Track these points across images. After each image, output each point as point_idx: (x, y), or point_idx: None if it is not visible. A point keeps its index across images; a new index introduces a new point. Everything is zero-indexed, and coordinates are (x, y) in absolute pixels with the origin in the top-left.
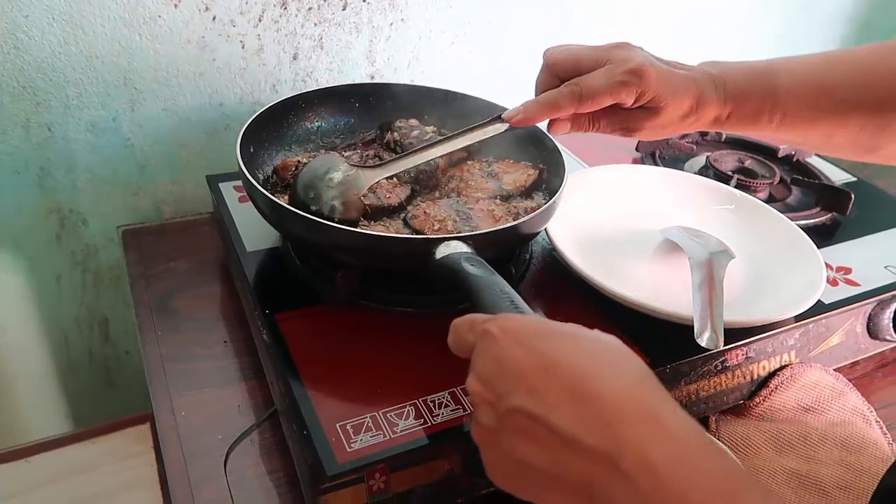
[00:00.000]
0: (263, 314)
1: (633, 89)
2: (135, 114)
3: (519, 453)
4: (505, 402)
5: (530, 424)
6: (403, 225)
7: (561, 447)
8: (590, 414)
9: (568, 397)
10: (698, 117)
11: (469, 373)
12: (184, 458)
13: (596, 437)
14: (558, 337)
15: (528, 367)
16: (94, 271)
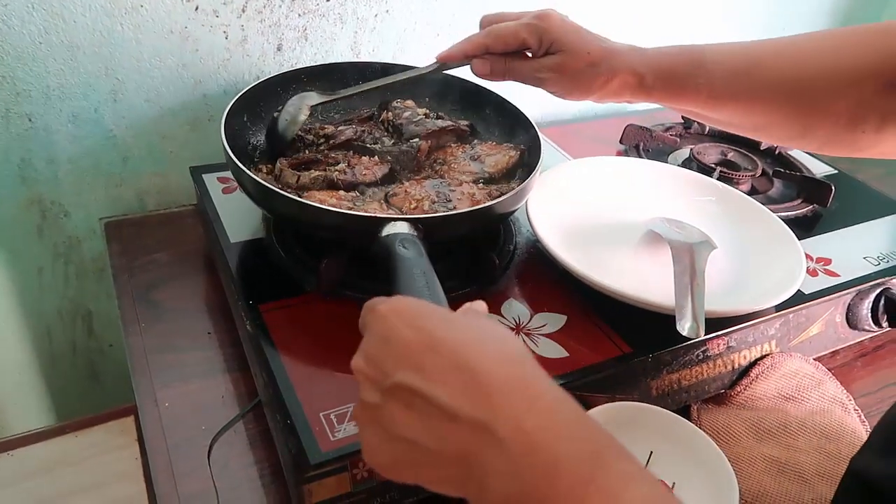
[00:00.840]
0: (247, 305)
1: (533, 29)
2: (117, 104)
3: (399, 428)
4: (390, 378)
5: (413, 399)
6: (385, 202)
7: (441, 420)
8: (469, 387)
9: (450, 372)
10: (612, 74)
11: (358, 352)
12: (167, 450)
13: (474, 408)
14: (445, 318)
15: (414, 344)
16: (76, 263)
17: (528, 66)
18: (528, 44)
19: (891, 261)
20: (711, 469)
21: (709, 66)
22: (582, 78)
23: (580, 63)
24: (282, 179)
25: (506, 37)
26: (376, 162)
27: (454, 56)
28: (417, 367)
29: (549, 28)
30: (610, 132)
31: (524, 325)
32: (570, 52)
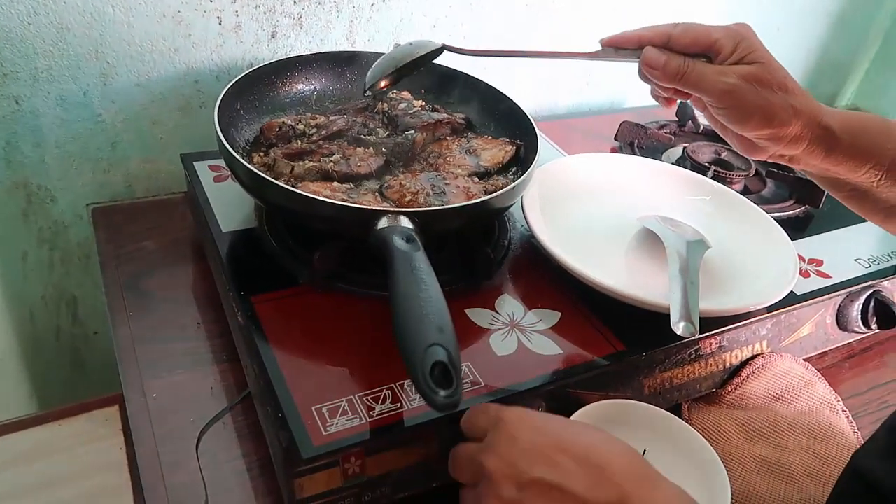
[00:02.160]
0: (238, 296)
1: (730, 33)
2: (106, 88)
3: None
4: (526, 475)
5: (551, 492)
6: (379, 194)
7: (585, 477)
8: (600, 478)
9: (582, 468)
10: (801, 113)
11: (483, 452)
12: (155, 441)
13: (606, 494)
14: (563, 424)
15: (545, 446)
16: (62, 249)
17: (713, 69)
18: (720, 46)
19: (881, 263)
20: (704, 469)
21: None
22: (771, 102)
23: (775, 82)
24: (275, 169)
25: (696, 32)
26: (371, 153)
27: (628, 41)
28: (552, 464)
29: (748, 35)
30: (604, 128)
31: (518, 321)
32: (769, 67)
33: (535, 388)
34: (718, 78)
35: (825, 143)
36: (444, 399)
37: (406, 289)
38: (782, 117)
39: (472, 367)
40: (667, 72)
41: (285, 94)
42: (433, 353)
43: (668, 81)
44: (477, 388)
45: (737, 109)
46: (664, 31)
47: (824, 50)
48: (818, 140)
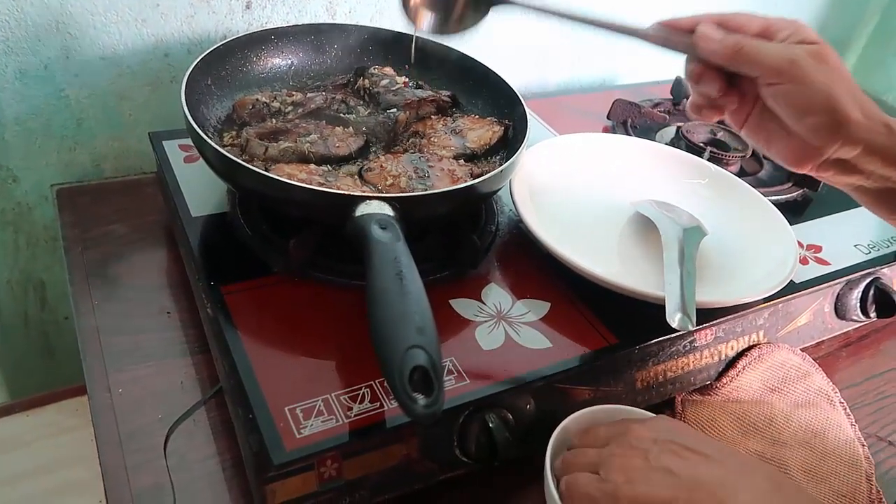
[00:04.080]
0: (208, 286)
1: (786, 22)
2: (69, 62)
3: (665, 462)
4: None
5: (680, 449)
6: (359, 177)
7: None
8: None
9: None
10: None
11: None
12: (120, 440)
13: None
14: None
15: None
16: (27, 232)
17: (773, 44)
18: (777, 28)
19: (881, 249)
20: None
21: None
22: (834, 80)
23: (837, 64)
24: (248, 150)
25: (750, 15)
26: (351, 133)
27: (682, 24)
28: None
29: (804, 24)
30: (596, 106)
31: (505, 313)
32: (830, 49)
33: (524, 385)
34: (780, 50)
35: (886, 141)
36: (424, 408)
37: (384, 283)
38: (846, 101)
39: (456, 363)
40: (725, 44)
41: (260, 69)
42: (413, 357)
43: (724, 58)
44: (462, 385)
45: (800, 86)
46: (716, 15)
47: (821, 27)
48: (879, 137)
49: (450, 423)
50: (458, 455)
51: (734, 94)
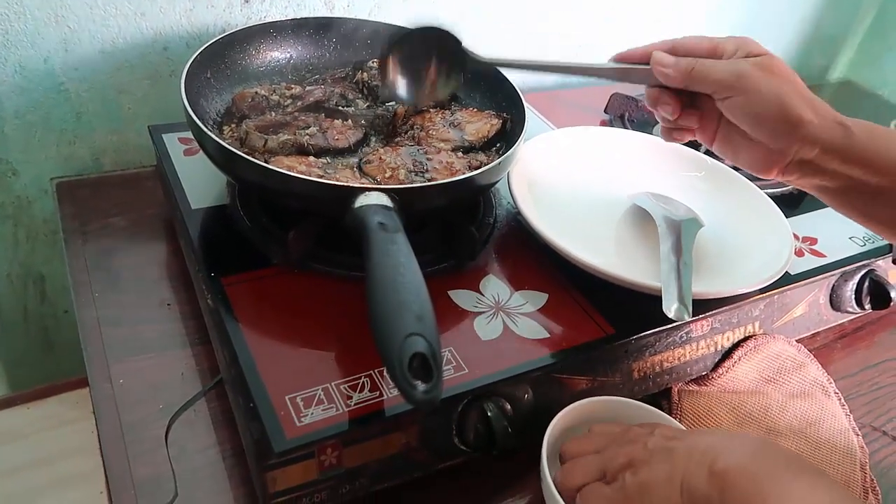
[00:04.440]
0: (208, 278)
1: (732, 40)
2: (69, 55)
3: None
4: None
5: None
6: (357, 170)
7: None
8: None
9: None
10: (817, 109)
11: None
12: (121, 430)
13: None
14: None
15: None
16: (26, 225)
17: (722, 62)
18: (723, 48)
19: (876, 241)
20: None
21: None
22: (783, 89)
23: (785, 73)
24: (247, 143)
25: (699, 37)
26: (349, 126)
27: (637, 55)
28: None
29: (751, 40)
30: (594, 100)
31: (503, 304)
32: (777, 59)
33: (522, 375)
34: (728, 66)
35: (842, 139)
36: (423, 394)
37: (383, 273)
38: (796, 103)
39: (454, 352)
40: (678, 69)
41: (259, 62)
42: (412, 344)
43: (679, 81)
44: (461, 375)
45: (750, 96)
46: (668, 42)
47: (817, 22)
48: (834, 134)
49: (448, 413)
50: (457, 444)
51: (694, 114)
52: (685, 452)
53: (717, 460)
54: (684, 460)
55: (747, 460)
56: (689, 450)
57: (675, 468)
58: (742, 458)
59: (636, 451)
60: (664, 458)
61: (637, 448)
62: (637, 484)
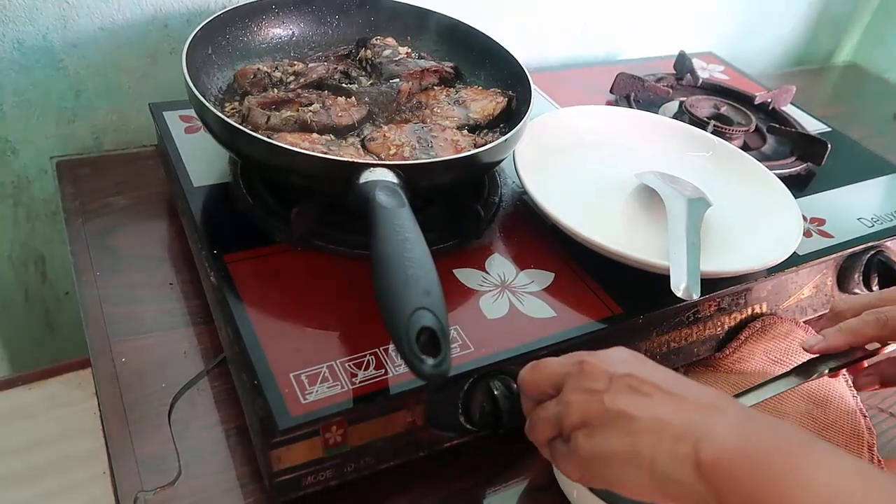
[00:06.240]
0: (211, 255)
1: None
2: (67, 31)
3: (622, 405)
4: (617, 370)
5: (639, 384)
6: (361, 147)
7: (666, 398)
8: (694, 385)
9: (672, 380)
10: None
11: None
12: (124, 409)
13: (700, 394)
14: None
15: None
16: (26, 205)
17: None
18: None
19: (884, 223)
20: None
21: None
22: None
23: None
24: (250, 119)
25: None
26: (353, 103)
27: (836, 348)
28: (638, 366)
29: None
30: (599, 80)
31: (509, 283)
32: None
33: (528, 353)
34: None
35: None
36: (432, 368)
37: (390, 248)
38: None
39: (460, 331)
40: (875, 331)
41: (261, 38)
42: (419, 318)
43: (881, 336)
44: (466, 353)
45: None
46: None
47: (824, 4)
48: None
49: (454, 391)
50: (463, 422)
51: None
52: (652, 427)
53: (700, 447)
54: (652, 438)
55: (738, 441)
56: (656, 425)
57: (640, 445)
58: (730, 438)
59: (591, 406)
60: (623, 427)
61: (593, 403)
62: (592, 451)
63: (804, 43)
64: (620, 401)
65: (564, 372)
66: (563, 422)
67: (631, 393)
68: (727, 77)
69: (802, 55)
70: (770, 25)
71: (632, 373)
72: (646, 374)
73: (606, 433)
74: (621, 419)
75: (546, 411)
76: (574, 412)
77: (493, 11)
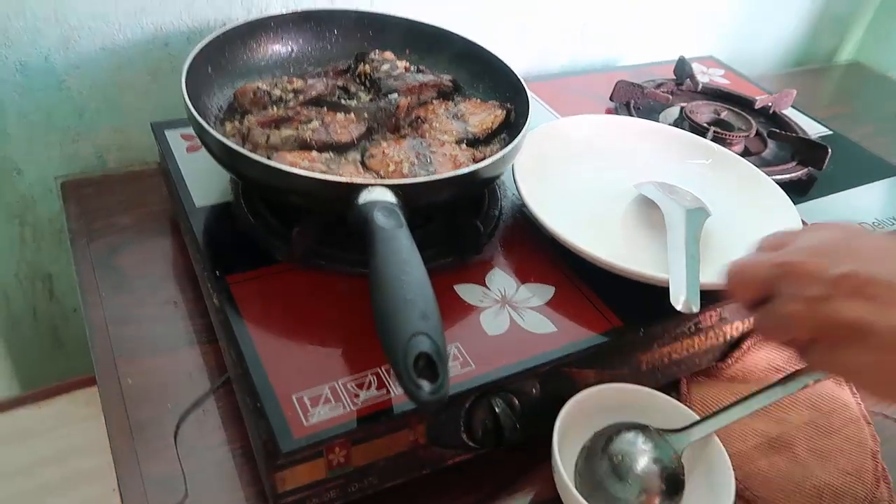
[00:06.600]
0: (214, 277)
1: None
2: (69, 53)
3: (854, 314)
4: (835, 269)
5: (865, 286)
6: (361, 164)
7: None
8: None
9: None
10: None
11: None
12: (130, 430)
13: None
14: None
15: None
16: (32, 224)
17: None
18: None
19: (887, 226)
20: (706, 450)
21: None
22: None
23: None
24: (250, 139)
25: None
26: (352, 120)
27: None
28: (863, 258)
29: None
30: (599, 88)
31: (509, 298)
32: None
33: (529, 370)
34: None
35: None
36: (430, 395)
37: (387, 271)
38: None
39: (461, 348)
40: None
41: (260, 56)
42: (417, 344)
43: None
44: (468, 371)
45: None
46: None
47: (826, 2)
48: None
49: (456, 409)
50: (465, 440)
51: None
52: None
53: None
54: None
55: None
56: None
57: (886, 357)
58: None
59: (817, 317)
60: (863, 342)
61: (818, 314)
62: (840, 366)
63: (806, 42)
64: (850, 310)
65: (771, 275)
66: (794, 335)
67: (859, 298)
68: (728, 81)
69: (805, 54)
70: (771, 25)
71: (852, 272)
72: (866, 269)
73: (847, 349)
74: (859, 333)
75: (768, 321)
76: (801, 327)
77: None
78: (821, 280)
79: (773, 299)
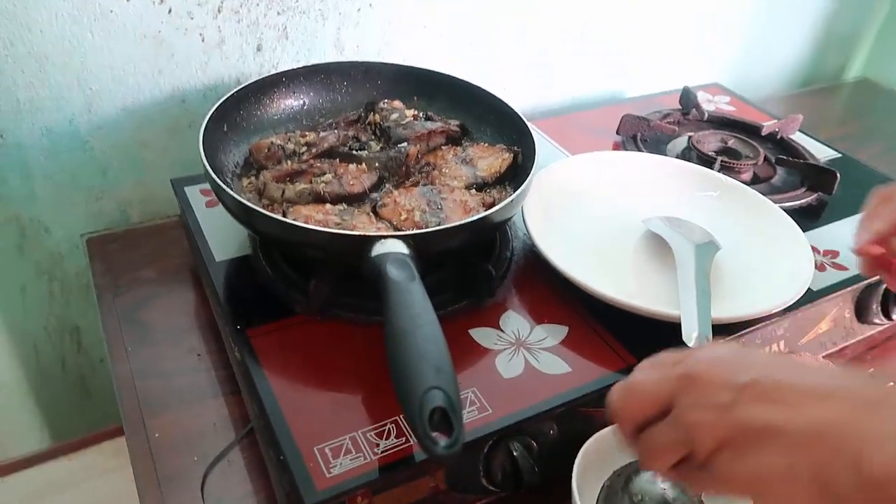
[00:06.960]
0: (235, 331)
1: None
2: (92, 115)
3: (764, 418)
4: (739, 379)
5: (772, 391)
6: (373, 214)
7: (813, 402)
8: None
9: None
10: None
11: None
12: (158, 483)
13: (850, 386)
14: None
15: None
16: (60, 279)
17: None
18: None
19: None
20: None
21: None
22: None
23: None
24: (266, 194)
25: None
26: (364, 170)
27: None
28: (768, 366)
29: None
30: (606, 122)
31: (524, 339)
32: None
33: (545, 412)
34: None
35: None
36: (445, 449)
37: (401, 324)
38: None
39: (478, 394)
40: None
41: (273, 111)
42: (432, 398)
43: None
44: (485, 416)
45: None
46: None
47: (831, 20)
48: None
49: (475, 454)
50: (485, 484)
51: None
52: (809, 436)
53: (862, 455)
54: (813, 447)
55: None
56: (813, 432)
57: (799, 459)
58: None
59: (724, 424)
60: (773, 442)
61: (725, 420)
62: (746, 474)
63: (813, 62)
64: (759, 413)
65: (669, 389)
66: (694, 446)
67: (767, 402)
68: (734, 108)
69: (812, 74)
70: (777, 47)
71: (756, 379)
72: (769, 376)
73: (758, 453)
74: (770, 435)
75: (663, 436)
76: (705, 434)
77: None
78: (728, 387)
79: (673, 412)
